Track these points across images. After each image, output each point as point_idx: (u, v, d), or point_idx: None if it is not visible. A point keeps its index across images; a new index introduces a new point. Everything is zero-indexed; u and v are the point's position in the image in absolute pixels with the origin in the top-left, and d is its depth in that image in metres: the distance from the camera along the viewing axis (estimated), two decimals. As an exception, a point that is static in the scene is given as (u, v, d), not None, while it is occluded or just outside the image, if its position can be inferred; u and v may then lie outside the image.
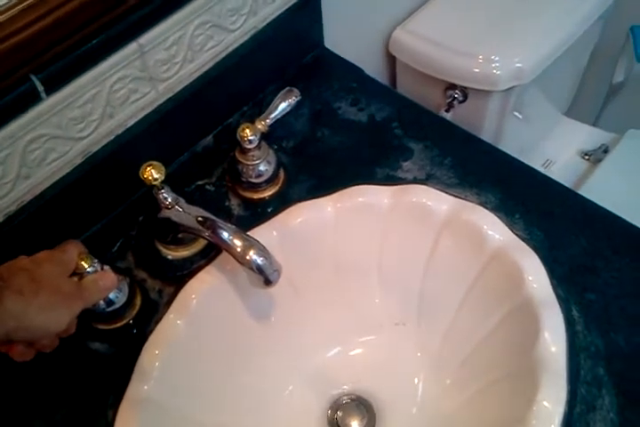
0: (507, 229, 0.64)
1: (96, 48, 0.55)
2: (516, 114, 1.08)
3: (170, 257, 0.63)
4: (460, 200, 0.66)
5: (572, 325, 0.58)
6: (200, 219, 0.55)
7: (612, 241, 0.63)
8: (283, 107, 0.65)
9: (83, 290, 0.51)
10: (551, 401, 0.53)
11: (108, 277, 0.53)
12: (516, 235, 0.63)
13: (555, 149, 1.31)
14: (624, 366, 0.56)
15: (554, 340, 0.56)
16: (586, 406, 0.54)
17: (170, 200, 0.57)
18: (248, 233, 0.63)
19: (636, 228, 0.64)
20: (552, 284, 0.60)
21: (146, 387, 0.54)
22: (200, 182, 0.69)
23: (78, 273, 0.52)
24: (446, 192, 0.67)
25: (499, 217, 0.64)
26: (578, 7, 1.01)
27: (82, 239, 0.64)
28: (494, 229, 0.63)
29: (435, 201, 0.66)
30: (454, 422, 0.62)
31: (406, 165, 0.70)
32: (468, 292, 0.66)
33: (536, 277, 0.60)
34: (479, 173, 0.69)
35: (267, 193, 0.68)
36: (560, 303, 0.59)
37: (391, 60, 1.05)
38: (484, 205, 0.66)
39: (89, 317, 0.57)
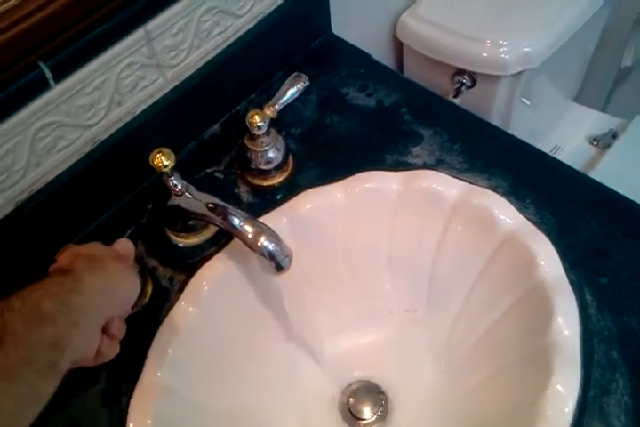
0: (518, 213, 0.63)
1: (103, 35, 0.55)
2: (524, 100, 1.08)
3: (180, 244, 0.63)
4: (471, 185, 0.66)
5: (585, 309, 0.58)
6: (210, 205, 0.55)
7: (623, 224, 0.63)
8: (291, 92, 0.65)
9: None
10: (565, 385, 0.53)
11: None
12: (528, 219, 0.63)
13: (563, 134, 1.30)
14: (638, 349, 0.55)
15: (567, 324, 0.56)
16: (600, 390, 0.53)
17: (180, 187, 0.57)
18: (260, 219, 0.63)
19: (647, 210, 0.64)
20: (564, 268, 0.60)
21: (159, 374, 0.54)
22: (209, 170, 0.69)
23: None
24: (456, 177, 0.66)
25: (510, 201, 0.64)
26: (586, -9, 1.00)
27: (92, 227, 0.65)
28: (505, 214, 0.63)
29: (445, 186, 0.66)
30: (467, 407, 0.62)
31: (416, 150, 0.70)
32: (478, 277, 0.66)
33: (548, 261, 0.60)
34: (489, 158, 0.68)
35: (276, 180, 0.68)
36: (573, 287, 0.58)
37: (398, 46, 1.05)
38: (494, 189, 0.65)
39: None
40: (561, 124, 1.30)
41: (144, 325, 0.58)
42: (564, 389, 0.53)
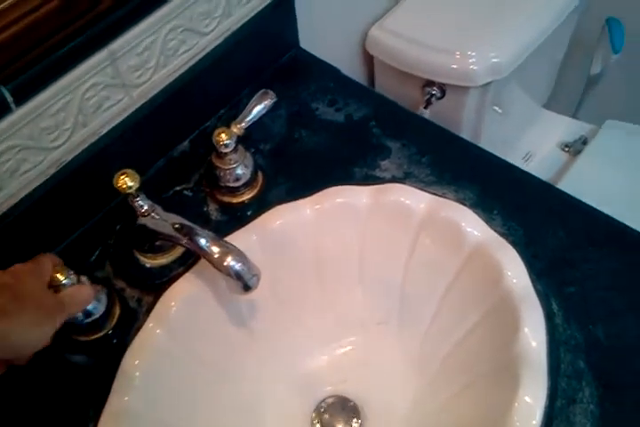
0: (485, 225, 0.64)
1: (65, 56, 0.55)
2: (496, 108, 1.09)
3: (148, 265, 0.62)
4: (438, 198, 0.66)
5: (552, 319, 0.58)
6: (177, 226, 0.55)
7: (590, 233, 0.64)
8: (258, 110, 0.65)
9: (60, 304, 0.50)
10: (532, 396, 0.53)
11: (85, 290, 0.53)
12: (495, 230, 0.64)
13: (535, 141, 1.31)
14: (603, 358, 0.56)
15: (534, 335, 0.56)
16: (566, 400, 0.54)
17: (146, 208, 0.57)
18: (227, 238, 0.63)
19: (612, 219, 0.65)
20: (531, 278, 0.60)
21: (126, 398, 0.54)
22: (178, 188, 0.69)
23: (54, 286, 0.52)
24: (424, 190, 0.67)
25: (477, 213, 0.65)
26: (553, 1, 1.01)
27: (60, 249, 0.64)
28: (472, 226, 0.64)
29: (413, 199, 0.66)
30: (439, 421, 0.62)
31: (384, 163, 0.70)
32: (448, 289, 0.66)
33: (515, 272, 0.60)
34: (457, 170, 0.69)
35: (245, 197, 0.68)
36: (539, 298, 0.59)
37: (369, 59, 1.05)
38: (462, 201, 0.66)
39: (67, 329, 0.57)
40: (532, 131, 1.32)
41: (111, 348, 0.58)
42: (532, 400, 0.53)
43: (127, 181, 0.54)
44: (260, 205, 0.67)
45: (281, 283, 0.67)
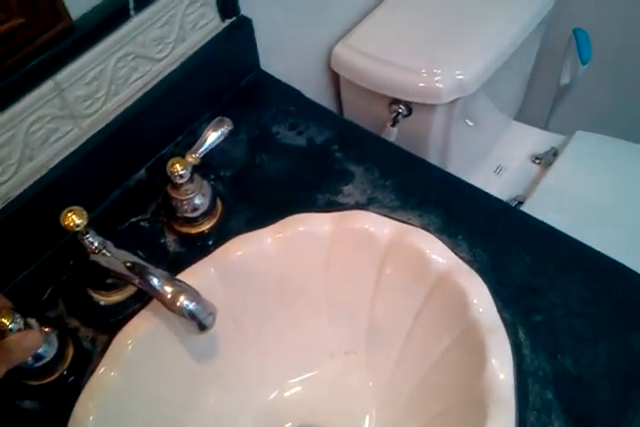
0: (450, 252, 0.63)
1: (6, 90, 0.53)
2: (467, 121, 1.08)
3: (102, 303, 0.60)
4: (403, 224, 0.65)
5: (519, 348, 0.57)
6: (128, 264, 0.53)
7: (556, 258, 0.63)
8: (213, 138, 0.63)
9: (5, 351, 0.48)
10: (501, 431, 0.52)
11: (32, 336, 0.50)
12: (460, 257, 0.62)
13: (506, 154, 1.31)
14: (572, 389, 0.55)
15: (501, 366, 0.55)
16: (536, 435, 0.53)
17: (96, 245, 0.54)
18: (185, 271, 0.62)
19: (577, 243, 0.64)
20: (497, 307, 0.59)
21: (80, 444, 0.52)
22: (134, 219, 0.67)
23: None
24: (388, 216, 0.66)
25: (442, 239, 0.63)
26: (518, 16, 1.01)
27: (9, 288, 0.62)
28: (437, 253, 0.62)
29: (376, 226, 0.65)
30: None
31: (347, 189, 0.69)
32: (415, 318, 0.65)
33: (481, 300, 0.59)
34: (421, 195, 0.68)
35: (204, 227, 0.66)
36: (506, 327, 0.58)
37: (334, 77, 1.04)
38: (426, 227, 0.65)
39: (17, 374, 0.54)
40: (503, 143, 1.32)
41: (65, 391, 0.56)
42: (501, 435, 0.52)
43: (74, 219, 0.52)
44: (220, 235, 0.65)
45: (244, 314, 0.65)
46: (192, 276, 0.60)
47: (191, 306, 0.51)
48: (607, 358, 0.56)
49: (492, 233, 0.65)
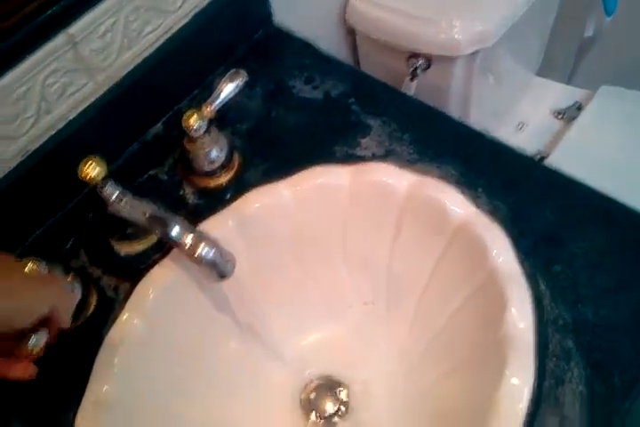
0: (469, 203, 0.62)
1: (20, 43, 0.52)
2: (488, 76, 1.06)
3: (124, 252, 0.61)
4: (421, 176, 0.64)
5: (539, 299, 0.57)
6: (147, 214, 0.53)
7: (578, 210, 0.62)
8: (229, 91, 0.62)
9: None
10: (520, 378, 0.52)
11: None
12: (480, 209, 0.62)
13: (528, 110, 1.29)
14: (592, 338, 0.55)
15: (521, 315, 0.55)
16: (555, 381, 0.53)
17: (116, 195, 0.55)
18: (203, 223, 0.62)
19: (600, 195, 0.63)
20: (518, 257, 0.58)
21: (105, 388, 0.53)
22: (152, 172, 0.67)
23: None
24: (406, 169, 0.65)
25: (461, 191, 0.63)
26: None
27: (32, 239, 0.63)
28: (456, 204, 0.62)
29: (395, 179, 0.64)
30: (425, 403, 0.61)
31: (365, 142, 0.68)
32: (435, 269, 0.65)
33: (501, 251, 0.59)
34: (439, 147, 0.67)
35: (222, 180, 0.66)
36: (526, 277, 0.57)
37: (351, 32, 1.02)
38: (445, 179, 0.64)
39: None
40: (525, 99, 1.29)
41: (88, 337, 0.57)
42: (519, 381, 0.52)
43: (93, 169, 0.52)
44: (238, 188, 0.65)
45: (262, 265, 0.66)
46: (210, 228, 0.60)
47: (210, 254, 0.51)
48: (627, 308, 0.56)
49: (512, 185, 0.64)
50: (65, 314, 0.48)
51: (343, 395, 0.67)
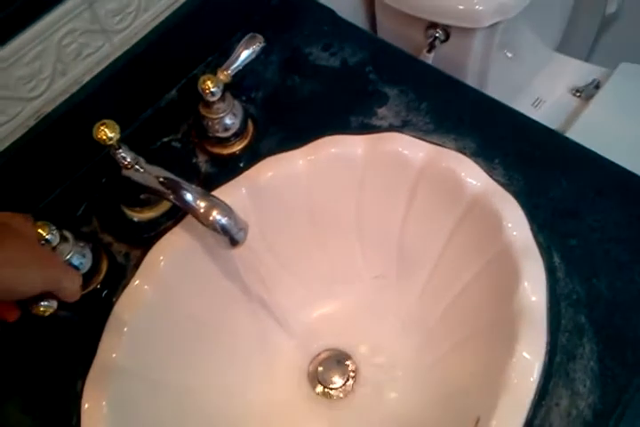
0: (485, 174, 0.61)
1: (36, 1, 0.51)
2: (506, 52, 1.04)
3: (135, 219, 0.60)
4: (437, 147, 0.63)
5: (553, 272, 0.56)
6: (161, 179, 0.53)
7: (596, 183, 0.61)
8: (245, 55, 0.61)
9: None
10: (531, 352, 0.51)
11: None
12: (495, 180, 0.61)
13: (545, 86, 1.26)
14: (605, 313, 0.54)
15: (534, 289, 0.54)
16: (566, 356, 0.52)
17: (129, 160, 0.54)
18: (216, 191, 0.61)
19: (618, 168, 0.62)
20: (532, 230, 0.58)
21: (114, 355, 0.53)
22: (166, 139, 0.66)
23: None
24: (423, 139, 0.64)
25: (477, 163, 0.62)
26: None
27: (44, 204, 0.63)
28: (472, 176, 0.61)
29: (410, 149, 0.63)
30: (435, 375, 0.61)
31: (381, 111, 0.67)
32: (447, 241, 0.64)
33: (515, 224, 0.58)
34: (457, 118, 0.66)
35: (236, 148, 0.65)
36: (540, 251, 0.57)
37: (370, 1, 1.00)
38: (461, 150, 0.63)
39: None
40: (543, 75, 1.27)
41: (99, 304, 0.57)
42: (530, 356, 0.51)
43: (107, 132, 0.51)
44: (252, 157, 0.65)
45: (275, 235, 0.65)
46: (223, 195, 0.59)
47: (223, 220, 0.51)
48: (643, 283, 0.56)
49: (530, 157, 0.63)
50: (70, 294, 0.48)
51: (351, 368, 0.67)
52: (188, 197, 0.52)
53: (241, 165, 0.65)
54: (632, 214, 0.59)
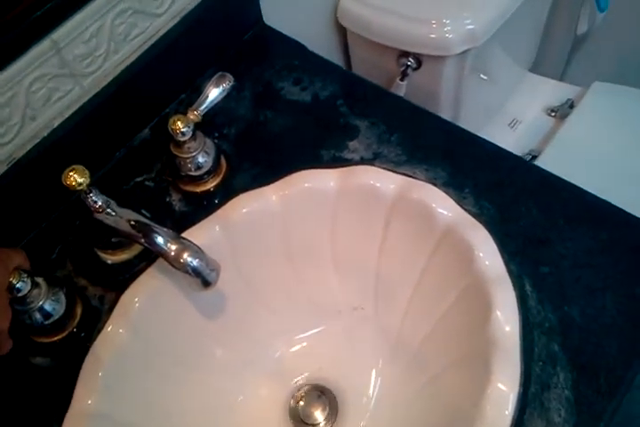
0: (456, 205, 0.62)
1: (3, 48, 0.52)
2: (480, 74, 1.06)
3: (109, 262, 0.61)
4: (409, 178, 0.64)
5: (525, 301, 0.57)
6: (132, 223, 0.53)
7: (566, 210, 0.62)
8: (215, 95, 0.62)
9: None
10: (505, 383, 0.52)
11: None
12: (466, 210, 0.62)
13: (521, 107, 1.28)
14: (578, 340, 0.55)
15: (506, 318, 0.55)
16: (540, 386, 0.53)
17: (100, 204, 0.54)
18: (190, 229, 0.62)
19: (588, 194, 0.63)
20: (504, 259, 0.59)
21: (90, 401, 0.52)
22: (139, 179, 0.67)
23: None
24: (394, 171, 0.65)
25: (448, 193, 0.63)
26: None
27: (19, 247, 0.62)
28: (443, 206, 0.62)
29: (382, 181, 0.64)
30: (413, 408, 0.61)
31: (352, 144, 0.68)
32: (422, 272, 0.65)
33: (487, 253, 0.59)
34: (427, 148, 0.67)
35: (209, 185, 0.66)
36: (512, 279, 0.57)
37: (342, 31, 1.02)
38: (432, 181, 0.64)
39: (28, 330, 0.55)
40: (518, 96, 1.29)
41: (74, 348, 0.57)
42: (506, 387, 0.52)
43: (76, 178, 0.52)
44: (226, 193, 0.65)
45: (250, 271, 0.66)
46: (198, 234, 0.60)
47: (195, 262, 0.51)
48: (615, 308, 0.56)
49: (499, 186, 0.64)
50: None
51: (332, 402, 0.67)
52: (159, 240, 0.52)
53: (215, 201, 0.65)
54: (602, 240, 0.60)
